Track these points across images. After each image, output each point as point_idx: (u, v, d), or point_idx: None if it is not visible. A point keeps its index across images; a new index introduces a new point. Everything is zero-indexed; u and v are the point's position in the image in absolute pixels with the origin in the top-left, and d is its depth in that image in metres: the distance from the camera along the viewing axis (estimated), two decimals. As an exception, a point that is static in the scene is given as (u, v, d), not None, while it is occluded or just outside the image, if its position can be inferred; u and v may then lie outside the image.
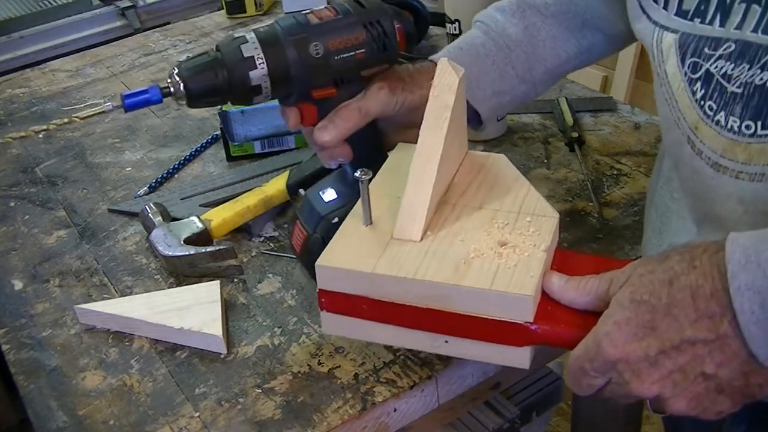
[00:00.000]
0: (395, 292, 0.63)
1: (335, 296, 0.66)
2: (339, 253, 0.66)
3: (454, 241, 0.66)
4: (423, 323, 0.64)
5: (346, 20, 0.76)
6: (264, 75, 0.73)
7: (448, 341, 0.64)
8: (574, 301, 0.60)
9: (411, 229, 0.66)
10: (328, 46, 0.75)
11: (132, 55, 1.52)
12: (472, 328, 0.62)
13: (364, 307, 0.65)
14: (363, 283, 0.64)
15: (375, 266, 0.63)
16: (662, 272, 0.54)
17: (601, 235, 0.88)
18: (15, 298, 0.89)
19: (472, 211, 0.69)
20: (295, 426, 0.69)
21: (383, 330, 0.66)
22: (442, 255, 0.64)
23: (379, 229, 0.68)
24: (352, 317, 0.66)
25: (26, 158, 1.19)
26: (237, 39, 0.75)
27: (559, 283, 0.61)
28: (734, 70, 0.59)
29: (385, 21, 0.77)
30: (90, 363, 0.79)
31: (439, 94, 0.68)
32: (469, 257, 0.63)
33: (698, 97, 0.62)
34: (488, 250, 0.64)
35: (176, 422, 0.71)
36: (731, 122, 0.59)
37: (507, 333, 0.61)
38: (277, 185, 0.96)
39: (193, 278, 0.88)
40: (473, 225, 0.67)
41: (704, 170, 0.63)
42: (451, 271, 0.62)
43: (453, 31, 1.03)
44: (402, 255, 0.64)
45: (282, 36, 0.74)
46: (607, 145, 1.05)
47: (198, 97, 0.74)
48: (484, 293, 0.60)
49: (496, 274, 0.61)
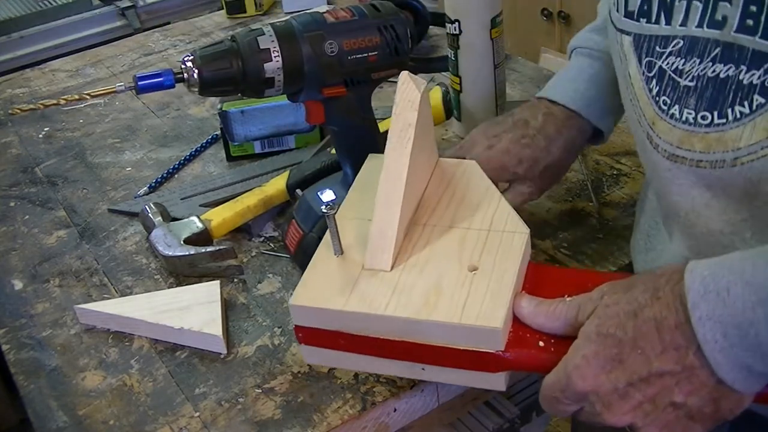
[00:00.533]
0: (368, 327, 0.63)
1: (311, 331, 0.66)
2: (311, 290, 0.66)
3: (424, 269, 0.65)
4: (399, 354, 0.64)
5: (362, 22, 0.77)
6: (278, 68, 0.74)
7: (424, 369, 0.64)
8: (544, 326, 0.61)
9: (381, 258, 0.66)
10: (343, 46, 0.76)
11: (132, 55, 1.52)
12: (446, 358, 0.62)
13: (340, 341, 0.65)
14: (336, 319, 0.64)
15: (346, 304, 0.63)
16: (627, 303, 0.55)
17: (601, 235, 0.88)
18: (15, 298, 0.89)
19: (442, 232, 0.69)
20: (295, 426, 0.69)
21: (363, 360, 0.66)
22: (412, 286, 0.64)
23: (350, 259, 0.68)
24: (329, 349, 0.67)
25: (26, 158, 1.19)
26: (254, 31, 0.75)
27: (528, 308, 0.62)
28: (685, 65, 0.60)
29: (399, 26, 0.78)
30: (90, 363, 0.79)
31: (401, 111, 0.67)
32: (438, 287, 0.63)
33: (654, 93, 0.63)
34: (458, 277, 0.64)
35: (176, 422, 0.71)
36: (686, 114, 0.61)
37: (480, 361, 0.62)
38: (277, 185, 0.96)
39: (193, 278, 0.88)
40: (443, 249, 0.67)
41: (661, 163, 0.64)
42: (421, 303, 0.62)
43: (453, 31, 1.03)
44: (372, 289, 0.64)
45: (298, 31, 0.75)
46: (607, 145, 1.04)
47: (211, 86, 0.74)
48: (454, 327, 0.61)
49: (465, 305, 0.61)
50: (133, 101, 1.33)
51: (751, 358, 0.50)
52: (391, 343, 0.63)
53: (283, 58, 0.74)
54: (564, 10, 2.25)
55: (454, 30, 1.03)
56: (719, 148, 0.59)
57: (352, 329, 0.64)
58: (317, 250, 0.70)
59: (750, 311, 0.49)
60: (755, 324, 0.49)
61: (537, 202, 0.94)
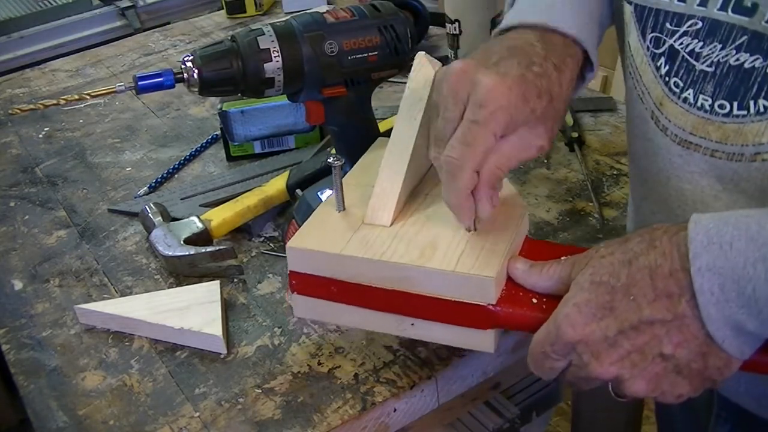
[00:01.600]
0: (363, 274, 0.64)
1: (305, 278, 0.67)
2: (310, 236, 0.67)
3: (423, 227, 0.67)
4: (390, 306, 0.65)
5: (362, 22, 0.77)
6: (278, 68, 0.74)
7: (414, 324, 0.65)
8: (537, 285, 0.60)
9: (381, 214, 0.67)
10: (343, 46, 0.76)
11: (132, 55, 1.52)
12: (438, 311, 0.63)
13: (333, 289, 0.66)
14: (332, 264, 0.65)
15: (344, 248, 0.65)
16: (622, 253, 0.54)
17: (601, 235, 0.88)
18: (15, 298, 0.89)
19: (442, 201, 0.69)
20: (295, 426, 0.69)
21: (352, 313, 0.67)
22: (410, 239, 0.65)
23: (350, 215, 0.69)
24: (321, 300, 0.67)
25: (26, 158, 1.19)
26: (254, 31, 0.75)
27: (522, 267, 0.62)
28: (703, 48, 0.58)
29: (399, 26, 0.78)
30: (90, 363, 0.79)
31: (415, 86, 0.68)
32: (435, 242, 0.64)
33: (662, 72, 0.61)
34: (454, 237, 0.65)
35: (176, 422, 0.71)
36: (701, 100, 0.59)
37: (471, 315, 0.62)
38: (277, 185, 0.96)
39: (193, 278, 0.88)
40: (443, 212, 0.67)
41: (670, 148, 0.63)
42: (417, 253, 0.63)
43: (453, 31, 1.03)
44: (371, 238, 0.66)
45: (298, 31, 0.75)
46: (607, 145, 1.05)
47: (211, 86, 0.74)
48: (448, 275, 0.61)
49: (461, 257, 0.62)
50: (133, 101, 1.33)
51: (745, 315, 0.50)
52: (384, 292, 0.64)
53: (283, 58, 0.74)
54: (564, 10, 2.24)
55: (454, 30, 1.03)
56: (738, 140, 0.58)
57: (346, 276, 0.65)
58: (319, 207, 0.71)
59: (751, 267, 0.49)
60: (753, 280, 0.49)
61: (537, 202, 0.94)
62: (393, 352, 0.75)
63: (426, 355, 0.74)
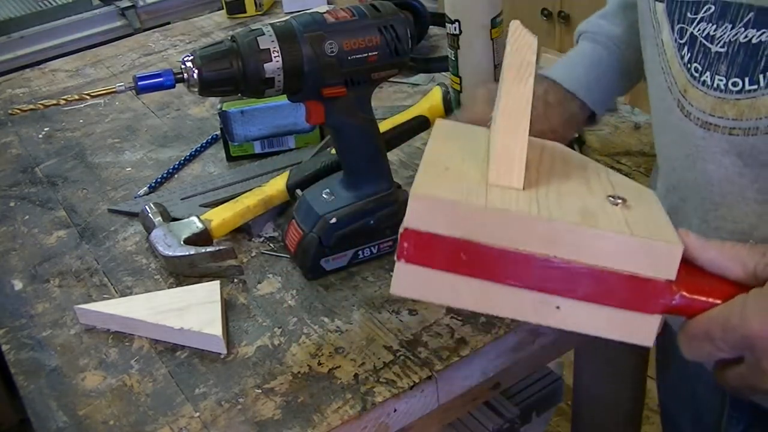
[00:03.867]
0: (511, 235, 0.51)
1: (426, 240, 0.52)
2: (437, 180, 0.53)
3: (560, 191, 0.55)
4: (536, 279, 0.52)
5: (362, 22, 0.77)
6: (278, 68, 0.74)
7: (560, 306, 0.52)
8: (714, 261, 0.53)
9: (510, 174, 0.55)
10: (343, 46, 0.76)
11: (132, 55, 1.52)
12: (599, 288, 0.51)
13: (462, 255, 0.52)
14: (469, 222, 0.51)
15: (487, 201, 0.51)
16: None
17: (601, 235, 0.88)
18: (15, 298, 0.89)
19: (560, 176, 0.59)
20: (295, 426, 0.69)
21: (475, 289, 0.53)
22: (557, 202, 0.53)
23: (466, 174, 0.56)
24: (439, 271, 0.53)
25: (26, 158, 1.19)
26: (254, 31, 0.75)
27: (697, 240, 0.53)
28: (716, 31, 0.60)
29: (399, 26, 0.78)
30: (90, 363, 0.79)
31: (517, 50, 0.57)
32: (587, 209, 0.53)
33: (685, 60, 0.63)
34: (604, 205, 0.54)
35: (176, 422, 0.71)
36: (717, 81, 0.61)
37: (642, 294, 0.51)
38: (277, 185, 0.96)
39: (193, 278, 0.88)
40: (571, 186, 0.57)
41: (694, 132, 0.64)
42: (578, 218, 0.51)
43: (453, 31, 1.03)
44: (511, 198, 0.53)
45: (298, 32, 0.75)
46: (607, 145, 1.05)
47: (210, 86, 0.74)
48: (626, 241, 0.50)
49: (628, 224, 0.51)
50: (133, 101, 1.33)
51: None
52: (534, 261, 0.51)
53: (283, 59, 0.74)
54: (564, 10, 2.25)
55: (454, 30, 1.03)
56: (752, 115, 0.59)
57: (486, 238, 0.51)
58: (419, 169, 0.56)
59: None
60: None
61: (537, 202, 0.94)
62: (393, 352, 0.75)
63: (426, 355, 0.74)
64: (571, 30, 2.25)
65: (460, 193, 0.52)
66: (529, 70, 0.57)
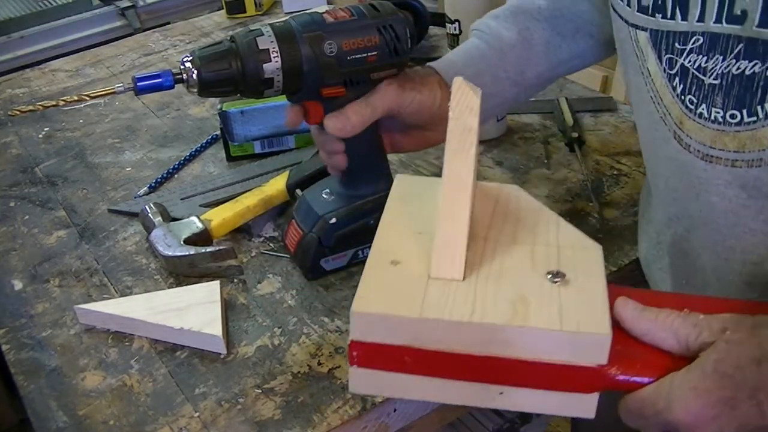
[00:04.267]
0: (446, 339, 0.55)
1: (372, 348, 0.57)
2: (374, 297, 0.57)
3: (500, 279, 0.58)
4: (476, 374, 0.56)
5: (361, 22, 0.77)
6: (277, 68, 0.74)
7: (503, 393, 0.56)
8: (648, 333, 0.55)
9: (451, 266, 0.58)
10: (342, 46, 0.75)
11: (132, 55, 1.52)
12: (535, 376, 0.55)
13: (406, 359, 0.56)
14: (408, 330, 0.55)
15: (422, 310, 0.55)
16: (751, 348, 0.51)
17: (601, 235, 0.88)
18: (15, 298, 0.89)
19: (506, 246, 0.62)
20: (295, 426, 0.69)
21: (427, 385, 0.57)
22: (494, 294, 0.57)
23: (408, 268, 0.60)
24: (389, 372, 0.58)
25: (26, 158, 1.19)
26: (253, 31, 0.75)
27: (633, 311, 0.56)
28: (708, 63, 0.59)
29: (398, 26, 0.78)
30: (90, 363, 0.79)
31: (459, 115, 0.61)
32: (523, 297, 0.56)
33: (678, 92, 0.62)
34: (541, 289, 0.57)
35: (176, 422, 0.71)
36: (714, 113, 0.60)
37: (575, 379, 0.55)
38: (277, 185, 0.96)
39: (193, 278, 0.88)
40: (514, 261, 0.60)
41: (695, 164, 0.63)
42: (510, 312, 0.55)
43: (453, 31, 1.03)
44: (449, 296, 0.56)
45: (297, 32, 0.75)
46: (607, 145, 1.05)
47: (210, 86, 0.74)
48: (554, 335, 0.53)
49: (561, 312, 0.54)
50: (133, 101, 1.33)
51: None
52: (471, 359, 0.55)
53: (282, 59, 0.74)
54: (564, 10, 2.24)
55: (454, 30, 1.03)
56: (754, 146, 0.58)
57: (425, 343, 0.55)
58: (367, 264, 0.60)
59: None
60: None
61: (537, 202, 0.94)
62: (393, 352, 0.75)
63: (426, 355, 0.74)
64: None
65: (398, 302, 0.56)
66: (470, 138, 0.60)
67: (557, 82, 1.22)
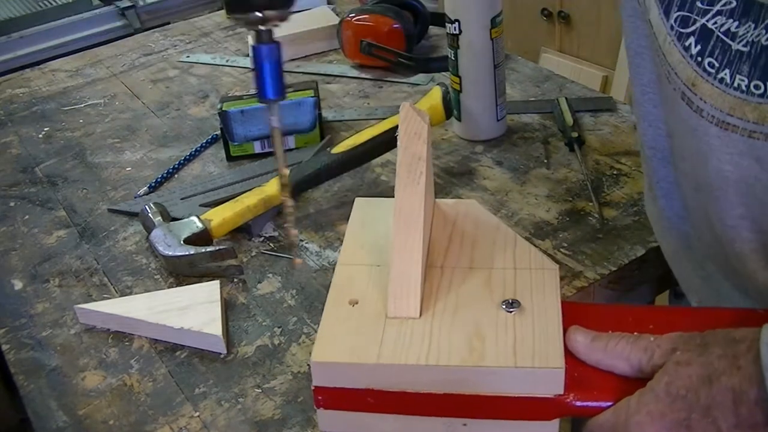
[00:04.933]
0: (405, 381, 0.57)
1: (334, 393, 0.59)
2: (332, 344, 0.59)
3: (456, 312, 0.60)
4: (438, 409, 0.58)
5: None
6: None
7: (466, 424, 0.58)
8: (601, 362, 0.57)
9: (407, 304, 0.60)
10: None
11: (132, 55, 1.52)
12: (495, 409, 0.57)
13: (369, 400, 0.58)
14: (367, 375, 0.57)
15: (378, 355, 0.57)
16: (701, 366, 0.51)
17: (601, 235, 0.88)
18: (15, 298, 0.89)
19: (463, 273, 0.64)
20: (295, 426, 0.69)
21: (391, 421, 0.59)
22: (449, 330, 0.58)
23: (366, 307, 0.61)
24: (354, 412, 0.60)
25: (26, 158, 1.19)
26: None
27: (584, 341, 0.58)
28: (739, 28, 0.56)
29: None
30: (90, 363, 0.79)
31: (407, 145, 0.62)
32: (479, 331, 0.58)
33: (693, 52, 0.60)
34: (496, 319, 0.59)
35: (176, 422, 0.71)
36: (738, 81, 0.57)
37: (535, 409, 0.57)
38: (277, 185, 0.96)
39: (193, 278, 0.88)
40: (471, 290, 0.62)
41: (707, 130, 0.61)
42: (466, 349, 0.56)
43: (453, 31, 1.03)
44: (405, 336, 0.58)
45: None
46: (607, 145, 1.05)
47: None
48: (509, 372, 0.55)
49: (515, 346, 0.56)
50: (133, 101, 1.33)
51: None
52: (431, 397, 0.57)
53: None
54: (564, 10, 2.25)
55: (454, 30, 1.03)
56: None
57: (386, 385, 0.57)
58: (326, 303, 0.63)
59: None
60: None
61: (537, 201, 0.94)
62: (393, 352, 0.75)
63: (426, 355, 0.74)
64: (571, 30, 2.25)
65: (355, 348, 0.58)
66: (420, 167, 0.61)
67: (557, 82, 1.22)
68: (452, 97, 1.07)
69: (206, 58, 1.45)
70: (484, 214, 0.70)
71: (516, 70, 1.27)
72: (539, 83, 1.23)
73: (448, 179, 1.00)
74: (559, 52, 2.32)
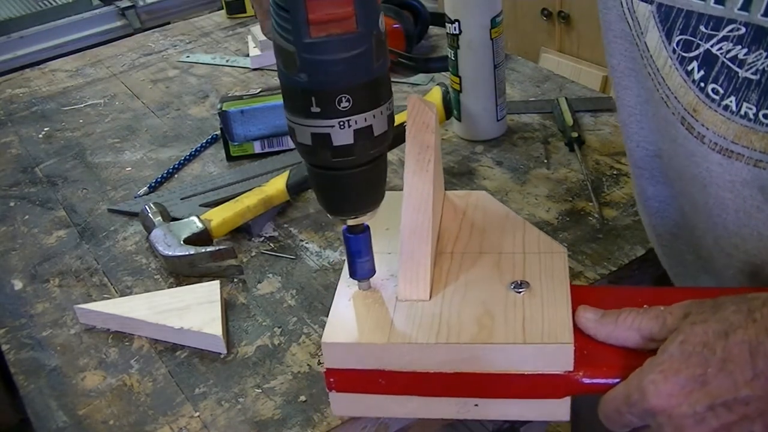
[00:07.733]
0: (416, 361, 0.58)
1: (346, 374, 0.59)
2: (343, 326, 0.60)
3: (466, 294, 0.61)
4: (449, 389, 0.58)
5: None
6: None
7: (478, 404, 0.59)
8: (611, 336, 0.56)
9: (416, 287, 0.61)
10: None
11: (132, 55, 1.52)
12: (506, 387, 0.57)
13: (380, 381, 0.59)
14: (377, 356, 0.58)
15: (389, 335, 0.58)
16: (716, 322, 0.51)
17: (601, 235, 0.88)
18: (15, 298, 0.89)
19: (473, 258, 0.64)
20: (295, 426, 0.69)
21: (403, 403, 0.60)
22: (459, 312, 0.59)
23: (378, 291, 0.62)
24: (367, 394, 0.60)
25: (26, 158, 1.19)
26: None
27: (593, 317, 0.57)
28: (748, 56, 0.55)
29: None
30: (90, 363, 0.79)
31: (416, 134, 0.63)
32: (489, 311, 0.58)
33: (696, 77, 0.58)
34: (505, 300, 0.59)
35: (176, 422, 0.71)
36: (745, 108, 0.56)
37: (545, 386, 0.57)
38: (277, 185, 0.96)
39: (193, 278, 0.88)
40: (480, 273, 0.62)
41: (707, 156, 0.60)
42: (475, 329, 0.57)
43: (453, 31, 1.03)
44: (415, 318, 0.59)
45: None
46: (607, 144, 1.05)
47: None
48: (518, 348, 0.55)
49: (525, 324, 0.57)
50: (133, 101, 1.33)
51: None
52: (442, 377, 0.57)
53: None
54: (564, 10, 2.25)
55: (454, 30, 1.03)
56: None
57: (397, 365, 0.58)
58: (337, 287, 0.65)
59: None
60: None
61: (537, 201, 0.94)
62: (393, 352, 0.75)
63: (426, 355, 0.74)
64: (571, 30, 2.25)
65: (366, 329, 0.58)
66: (428, 155, 0.62)
67: (557, 82, 1.22)
68: (452, 97, 1.07)
69: (206, 58, 1.45)
70: (494, 204, 0.71)
71: (516, 70, 1.27)
72: (539, 83, 1.23)
73: (448, 179, 1.00)
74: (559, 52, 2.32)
